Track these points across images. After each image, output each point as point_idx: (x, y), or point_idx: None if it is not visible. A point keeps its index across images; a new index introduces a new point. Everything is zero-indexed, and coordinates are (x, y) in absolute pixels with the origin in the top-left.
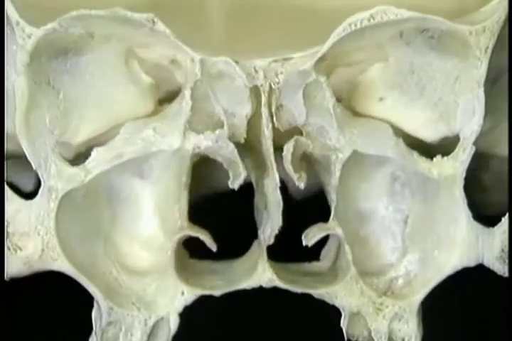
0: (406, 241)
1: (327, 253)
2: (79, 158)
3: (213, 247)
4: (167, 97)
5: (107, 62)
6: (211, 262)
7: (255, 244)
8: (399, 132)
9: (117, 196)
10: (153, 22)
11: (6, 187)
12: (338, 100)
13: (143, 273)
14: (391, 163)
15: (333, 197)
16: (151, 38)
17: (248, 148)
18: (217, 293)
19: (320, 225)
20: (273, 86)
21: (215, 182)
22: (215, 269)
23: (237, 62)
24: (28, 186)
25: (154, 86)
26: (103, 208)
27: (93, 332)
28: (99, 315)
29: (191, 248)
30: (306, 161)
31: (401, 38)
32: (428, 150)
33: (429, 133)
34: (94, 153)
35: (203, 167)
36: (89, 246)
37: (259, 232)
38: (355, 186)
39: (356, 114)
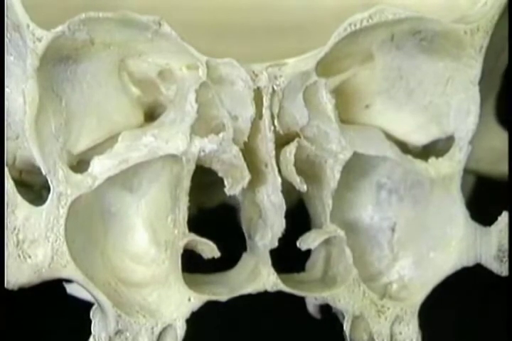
0: (395, 248)
1: (313, 264)
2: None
3: (216, 254)
4: (149, 110)
5: (102, 72)
6: (202, 275)
7: (245, 255)
8: (388, 138)
9: (108, 210)
10: (160, 24)
11: (17, 194)
12: None
13: (139, 284)
14: (376, 170)
15: (329, 202)
16: (151, 44)
17: None
18: (223, 298)
19: (317, 230)
20: (275, 88)
21: None
22: (209, 280)
23: None
24: None
25: (141, 98)
26: (97, 221)
27: None
28: (104, 326)
29: None
30: None
31: (392, 42)
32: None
33: (421, 137)
34: (95, 160)
35: None
36: (90, 257)
37: (256, 240)
38: (340, 196)
39: (343, 122)
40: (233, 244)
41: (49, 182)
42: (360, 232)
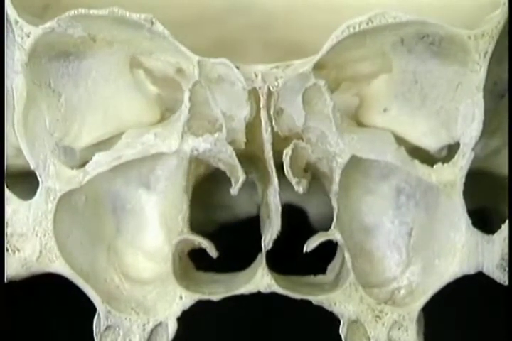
0: (410, 253)
1: (333, 268)
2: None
3: (213, 254)
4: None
5: (111, 69)
6: (216, 273)
7: (259, 256)
8: (402, 143)
9: (122, 206)
10: (152, 22)
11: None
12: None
13: (145, 282)
14: (396, 174)
15: (334, 205)
16: (152, 42)
17: (253, 161)
18: (215, 298)
19: (320, 233)
20: (272, 89)
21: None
22: (218, 279)
23: (237, 67)
24: None
25: (161, 96)
26: (107, 217)
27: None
28: (99, 321)
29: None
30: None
31: (402, 45)
32: (432, 161)
33: (432, 142)
34: (95, 157)
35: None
36: (91, 252)
37: (262, 241)
38: (359, 199)
39: (361, 125)
40: None
41: (37, 176)
42: (381, 237)
